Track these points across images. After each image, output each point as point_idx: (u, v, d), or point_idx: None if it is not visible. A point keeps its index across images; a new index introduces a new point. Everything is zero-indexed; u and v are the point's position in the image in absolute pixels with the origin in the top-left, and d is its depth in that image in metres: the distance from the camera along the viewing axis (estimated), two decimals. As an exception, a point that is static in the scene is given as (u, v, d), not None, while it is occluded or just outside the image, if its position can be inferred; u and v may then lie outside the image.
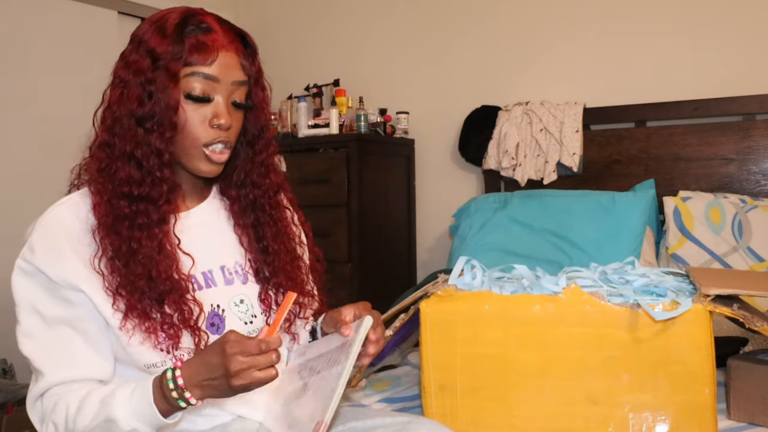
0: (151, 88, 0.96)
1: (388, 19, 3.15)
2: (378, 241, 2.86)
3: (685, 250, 2.25)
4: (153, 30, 0.98)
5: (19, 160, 2.55)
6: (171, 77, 0.96)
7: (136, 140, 0.97)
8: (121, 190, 0.98)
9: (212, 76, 0.98)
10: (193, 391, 0.90)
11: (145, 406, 0.91)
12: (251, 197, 1.12)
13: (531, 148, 2.69)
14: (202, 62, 0.97)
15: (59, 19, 2.69)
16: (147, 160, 0.98)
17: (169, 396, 0.90)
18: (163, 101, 0.96)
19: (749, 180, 2.41)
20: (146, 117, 0.97)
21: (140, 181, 0.98)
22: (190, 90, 0.98)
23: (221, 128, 1.00)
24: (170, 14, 1.00)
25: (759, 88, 2.42)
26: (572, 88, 2.74)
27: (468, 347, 1.19)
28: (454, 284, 1.24)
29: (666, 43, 2.58)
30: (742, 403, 1.22)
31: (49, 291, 0.96)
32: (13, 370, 2.39)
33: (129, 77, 0.98)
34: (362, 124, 2.83)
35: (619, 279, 1.24)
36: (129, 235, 0.97)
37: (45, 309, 0.96)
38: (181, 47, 0.97)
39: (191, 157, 1.01)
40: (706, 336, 1.08)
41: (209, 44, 0.98)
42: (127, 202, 0.98)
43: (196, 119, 0.99)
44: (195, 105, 0.99)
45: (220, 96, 1.00)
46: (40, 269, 0.95)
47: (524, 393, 1.17)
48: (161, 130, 0.97)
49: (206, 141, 1.00)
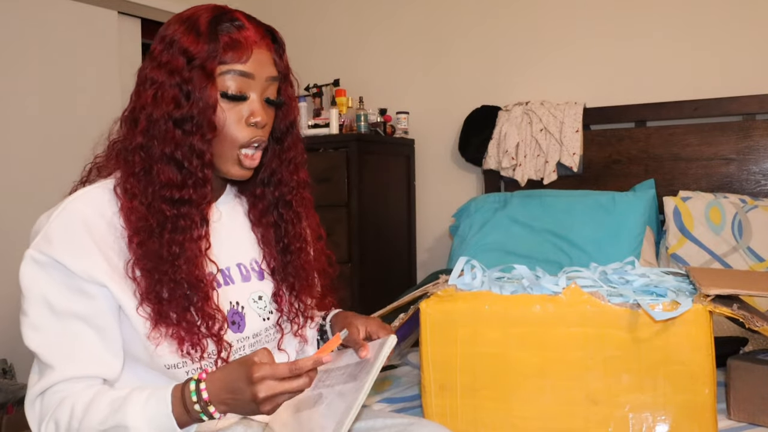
0: (188, 87, 0.94)
1: (388, 19, 3.15)
2: (378, 241, 2.86)
3: (685, 250, 2.25)
4: (184, 29, 0.96)
5: (19, 160, 2.55)
6: (207, 76, 0.95)
7: (176, 142, 0.95)
8: (162, 194, 0.95)
9: (247, 73, 0.97)
10: (217, 406, 0.87)
11: (162, 416, 0.87)
12: (276, 194, 1.11)
13: (531, 148, 2.69)
14: (237, 60, 0.96)
15: (59, 19, 2.69)
16: (189, 161, 0.96)
17: (191, 408, 0.87)
18: (202, 101, 0.95)
19: (749, 180, 2.41)
20: (185, 118, 0.95)
21: (182, 184, 0.96)
22: (226, 88, 0.97)
23: (257, 126, 1.00)
24: (200, 12, 0.98)
25: (759, 88, 2.42)
26: (572, 88, 2.74)
27: (468, 347, 1.19)
28: (454, 284, 1.24)
29: (666, 43, 2.58)
30: (742, 403, 1.22)
31: (65, 283, 0.92)
32: (13, 370, 2.39)
33: (163, 78, 0.95)
34: (362, 124, 2.83)
35: (619, 279, 1.24)
36: (171, 239, 0.95)
37: (58, 301, 0.92)
38: (215, 45, 0.95)
39: (225, 159, 1.00)
40: (706, 336, 1.08)
41: (243, 41, 0.97)
42: (169, 206, 0.95)
43: (232, 118, 0.98)
44: (231, 104, 0.98)
45: (255, 93, 0.99)
46: (59, 260, 0.91)
47: (524, 393, 1.17)
48: (202, 132, 0.95)
49: (243, 141, 0.99)
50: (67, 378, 0.91)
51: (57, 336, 0.92)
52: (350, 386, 0.95)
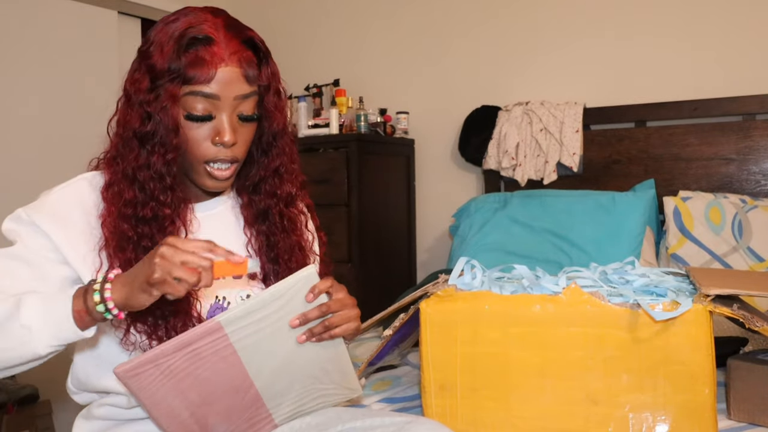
0: (149, 109, 0.94)
1: (388, 19, 3.15)
2: (378, 241, 2.85)
3: (685, 250, 2.25)
4: (157, 41, 0.96)
5: (19, 160, 2.55)
6: (170, 97, 0.94)
7: (138, 162, 0.96)
8: (125, 212, 0.97)
9: (212, 95, 0.95)
10: (114, 286, 0.84)
11: (59, 304, 0.85)
12: (263, 205, 1.10)
13: (531, 148, 2.69)
14: (201, 80, 0.94)
15: (59, 19, 2.69)
16: (148, 183, 0.96)
17: (90, 290, 0.85)
18: (163, 122, 0.94)
19: (749, 180, 2.41)
20: (147, 137, 0.95)
21: (143, 203, 0.97)
22: (191, 110, 0.95)
23: (225, 146, 0.98)
24: (178, 21, 0.96)
25: (759, 88, 2.42)
26: (572, 88, 2.74)
27: (468, 347, 1.19)
28: (454, 284, 1.24)
29: (666, 43, 2.58)
30: (742, 403, 1.22)
31: (34, 239, 0.95)
32: (13, 370, 2.39)
33: (132, 94, 0.97)
34: (362, 124, 2.83)
35: (619, 279, 1.24)
36: (134, 257, 0.95)
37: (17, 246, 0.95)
38: (178, 64, 0.93)
39: (196, 173, 1.00)
40: (706, 336, 1.08)
41: (208, 59, 0.94)
42: (130, 225, 0.96)
43: (198, 137, 0.97)
44: (196, 123, 0.96)
45: (224, 113, 0.97)
46: (40, 226, 0.95)
47: (524, 393, 1.17)
48: (162, 152, 0.95)
49: (208, 158, 0.98)
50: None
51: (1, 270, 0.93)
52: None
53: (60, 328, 0.85)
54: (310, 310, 0.96)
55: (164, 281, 0.81)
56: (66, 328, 0.85)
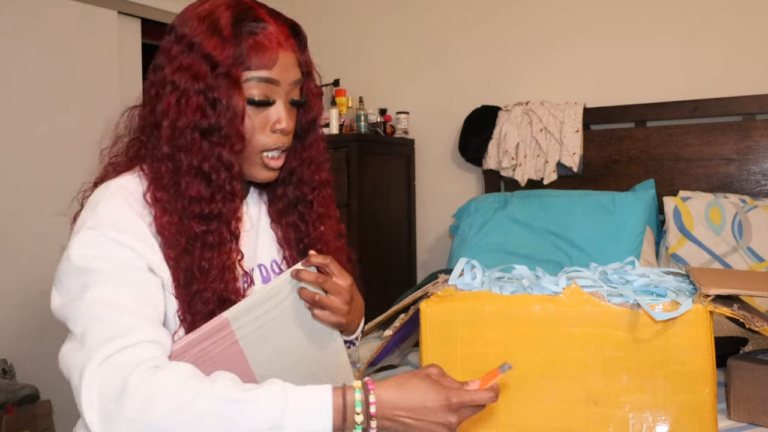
0: (213, 96, 0.90)
1: (388, 19, 3.15)
2: (378, 241, 2.85)
3: (685, 250, 2.25)
4: (205, 30, 0.91)
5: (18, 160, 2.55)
6: (234, 84, 0.90)
7: (203, 153, 0.91)
8: (191, 209, 0.91)
9: (273, 80, 0.93)
10: (381, 421, 0.81)
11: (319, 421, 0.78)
12: (297, 194, 1.07)
13: (531, 148, 2.69)
14: (263, 66, 0.92)
15: (59, 19, 2.69)
16: (217, 174, 0.92)
17: (350, 417, 0.79)
18: (229, 111, 0.90)
19: (749, 180, 2.41)
20: (212, 129, 0.90)
21: (210, 199, 0.92)
22: (252, 95, 0.92)
23: (282, 132, 0.96)
24: (220, 10, 0.92)
25: (759, 88, 2.42)
26: (572, 88, 2.74)
27: (468, 347, 1.19)
28: (454, 284, 1.24)
29: (666, 43, 2.58)
30: (742, 403, 1.22)
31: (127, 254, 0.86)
32: (13, 370, 2.39)
33: (185, 83, 0.90)
34: (362, 124, 2.83)
35: (619, 279, 1.23)
36: (201, 255, 0.91)
37: (127, 268, 0.85)
38: (240, 50, 0.90)
39: (250, 164, 0.97)
40: (707, 336, 1.08)
41: (267, 45, 0.92)
42: (198, 222, 0.91)
43: (257, 125, 0.94)
44: (256, 110, 0.94)
45: (280, 98, 0.95)
46: (118, 240, 0.86)
47: (524, 393, 1.16)
48: (230, 143, 0.91)
49: (266, 146, 0.96)
50: (152, 339, 0.82)
51: (132, 298, 0.84)
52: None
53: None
54: (304, 270, 0.94)
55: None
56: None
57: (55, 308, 0.87)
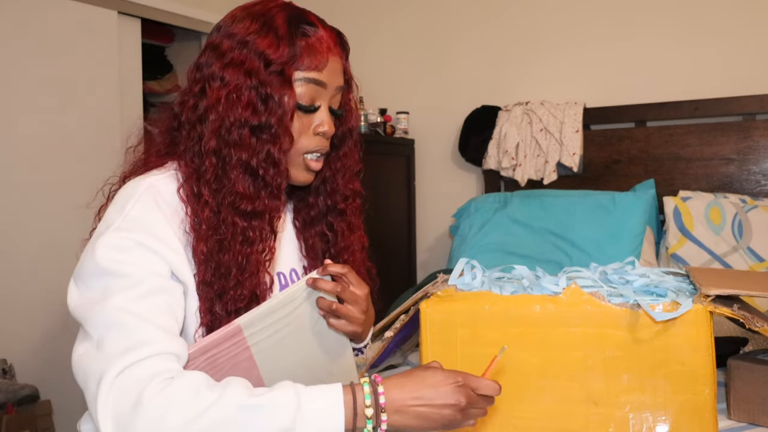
0: (265, 92, 0.90)
1: (388, 19, 3.15)
2: (378, 241, 2.85)
3: (685, 250, 2.25)
4: (259, 28, 0.92)
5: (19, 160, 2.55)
6: (286, 82, 0.91)
7: (252, 149, 0.90)
8: (236, 204, 0.90)
9: (322, 82, 0.95)
10: (391, 416, 0.80)
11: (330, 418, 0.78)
12: (329, 203, 1.06)
13: (531, 148, 2.69)
14: (314, 67, 0.93)
15: (59, 19, 2.69)
16: (266, 171, 0.91)
17: (361, 413, 0.79)
18: (281, 109, 0.91)
19: (749, 180, 2.41)
20: (262, 126, 0.90)
21: (256, 195, 0.92)
22: (299, 97, 0.94)
23: (324, 136, 0.97)
24: (274, 10, 0.94)
25: (759, 88, 2.42)
26: (572, 88, 2.74)
27: (468, 347, 1.19)
28: (454, 284, 1.24)
29: (666, 43, 2.58)
30: (742, 403, 1.22)
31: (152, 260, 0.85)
32: (13, 370, 2.39)
33: (237, 78, 0.90)
34: (362, 124, 2.83)
35: (619, 279, 1.23)
36: (240, 250, 0.90)
37: (150, 276, 0.84)
38: (294, 50, 0.92)
39: (293, 165, 0.97)
40: (707, 336, 1.08)
41: (319, 48, 0.93)
42: (241, 218, 0.91)
43: (303, 127, 0.95)
44: (302, 112, 0.95)
45: (325, 102, 0.97)
46: (141, 242, 0.85)
47: (524, 393, 1.16)
48: (280, 141, 0.91)
49: (309, 149, 0.96)
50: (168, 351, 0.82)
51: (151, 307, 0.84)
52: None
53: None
54: (321, 280, 0.95)
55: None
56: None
57: (72, 305, 0.86)
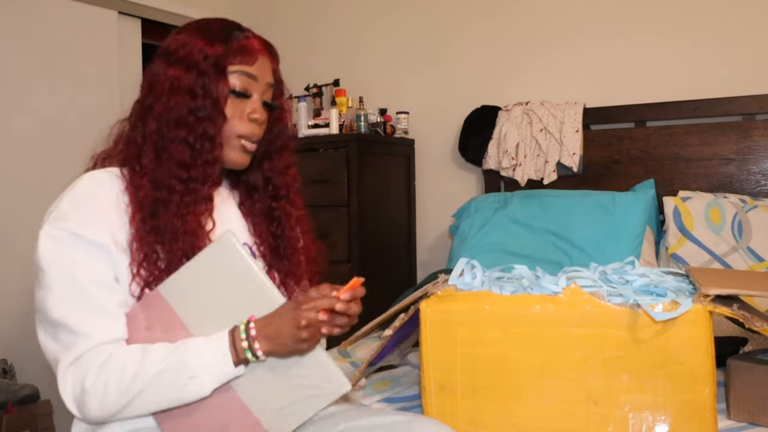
0: (203, 80, 1.06)
1: (388, 18, 3.15)
2: (378, 241, 2.85)
3: (685, 250, 2.25)
4: (199, 34, 1.09)
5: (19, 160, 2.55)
6: (220, 72, 1.07)
7: (189, 126, 1.06)
8: (173, 172, 1.05)
9: (253, 75, 1.11)
10: (262, 343, 0.97)
11: (219, 350, 0.97)
12: (270, 187, 1.21)
13: (531, 148, 2.69)
14: (246, 62, 1.10)
15: (59, 19, 2.70)
16: (201, 144, 1.06)
17: (239, 347, 0.98)
18: (215, 93, 1.07)
19: (749, 180, 2.41)
20: (199, 107, 1.06)
21: (192, 164, 1.06)
22: (234, 86, 1.09)
23: (256, 122, 1.12)
24: (212, 22, 1.13)
25: (759, 88, 2.42)
26: (572, 88, 2.74)
27: (468, 347, 1.19)
28: (454, 284, 1.24)
29: (666, 43, 2.58)
30: (742, 403, 1.22)
31: (81, 250, 0.99)
32: (13, 370, 2.39)
33: (179, 72, 1.07)
34: (362, 124, 2.83)
35: (618, 279, 1.24)
36: (177, 212, 1.04)
37: (81, 272, 0.98)
38: (228, 47, 1.09)
39: (229, 147, 1.11)
40: (706, 336, 1.08)
41: (250, 48, 1.11)
42: (178, 182, 1.05)
43: (237, 112, 1.10)
44: (237, 100, 1.10)
45: (257, 93, 1.12)
46: (75, 232, 0.99)
47: (524, 393, 1.17)
48: (213, 119, 1.07)
49: (243, 133, 1.11)
50: (102, 341, 0.98)
51: (84, 305, 0.98)
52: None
53: (224, 375, 0.99)
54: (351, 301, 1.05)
55: (311, 338, 0.97)
56: (227, 372, 0.99)
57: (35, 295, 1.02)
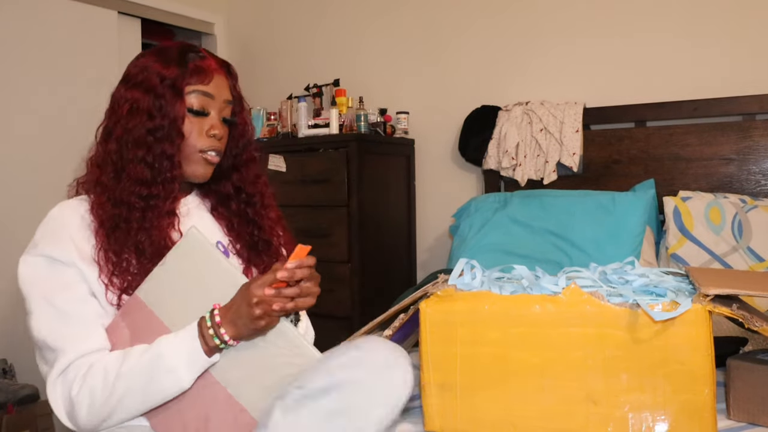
0: (160, 102, 1.12)
1: (387, 19, 3.15)
2: (378, 241, 2.86)
3: (685, 250, 2.25)
4: (157, 58, 1.15)
5: (19, 160, 2.55)
6: (177, 93, 1.14)
7: (148, 146, 1.11)
8: (132, 189, 1.10)
9: (209, 94, 1.17)
10: (226, 328, 1.02)
11: (190, 341, 1.02)
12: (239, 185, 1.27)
13: (531, 148, 2.69)
14: (201, 82, 1.16)
15: (59, 19, 2.70)
16: (160, 163, 1.12)
17: (207, 334, 1.02)
18: (172, 114, 1.13)
19: (749, 180, 2.41)
20: (157, 128, 1.12)
21: (152, 182, 1.11)
22: (191, 105, 1.16)
23: (215, 138, 1.18)
24: (170, 46, 1.18)
25: (759, 88, 2.42)
26: (572, 88, 2.74)
27: (468, 347, 1.19)
28: (454, 284, 1.24)
29: (666, 42, 2.58)
30: (741, 403, 1.22)
31: (54, 271, 1.05)
32: (13, 370, 2.39)
33: (138, 95, 1.13)
34: (362, 124, 2.83)
35: (618, 279, 1.24)
36: (138, 227, 1.09)
37: (56, 291, 1.05)
38: (184, 70, 1.15)
39: (191, 161, 1.17)
40: (706, 336, 1.08)
41: (206, 68, 1.17)
42: (138, 199, 1.10)
43: (195, 130, 1.17)
44: (195, 118, 1.16)
45: (215, 111, 1.19)
46: (44, 254, 1.06)
47: (524, 393, 1.17)
48: (171, 138, 1.13)
49: (203, 147, 1.17)
50: (82, 353, 1.04)
51: (62, 322, 1.04)
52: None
53: (199, 365, 1.04)
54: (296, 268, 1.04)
55: (265, 314, 1.00)
56: (202, 362, 1.04)
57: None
